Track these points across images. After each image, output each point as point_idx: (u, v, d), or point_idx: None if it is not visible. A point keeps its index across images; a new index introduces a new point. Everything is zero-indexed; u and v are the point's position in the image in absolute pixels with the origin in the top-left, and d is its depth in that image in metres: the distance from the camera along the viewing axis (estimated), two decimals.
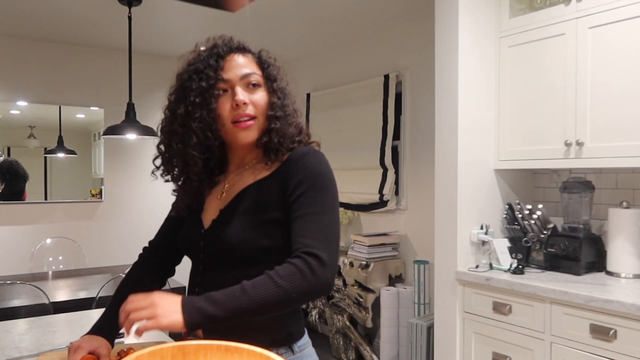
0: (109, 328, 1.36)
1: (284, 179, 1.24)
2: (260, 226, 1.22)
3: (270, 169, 1.28)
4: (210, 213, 1.32)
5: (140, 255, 1.51)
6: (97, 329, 1.35)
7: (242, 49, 1.30)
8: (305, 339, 1.32)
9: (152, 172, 1.37)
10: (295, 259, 1.13)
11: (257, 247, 1.21)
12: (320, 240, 1.16)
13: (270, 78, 1.30)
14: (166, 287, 3.11)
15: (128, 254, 5.09)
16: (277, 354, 1.23)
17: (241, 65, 1.27)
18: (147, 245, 1.52)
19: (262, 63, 1.31)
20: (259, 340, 1.19)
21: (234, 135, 1.26)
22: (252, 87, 1.27)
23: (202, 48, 1.30)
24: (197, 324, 1.06)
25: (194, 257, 1.34)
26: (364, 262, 3.88)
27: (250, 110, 1.25)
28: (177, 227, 1.44)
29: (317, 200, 1.20)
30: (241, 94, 1.24)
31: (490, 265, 2.74)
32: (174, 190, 1.40)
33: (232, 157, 1.37)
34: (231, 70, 1.26)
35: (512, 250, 2.78)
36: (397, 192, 4.11)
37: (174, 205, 1.42)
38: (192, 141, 1.25)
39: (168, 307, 1.05)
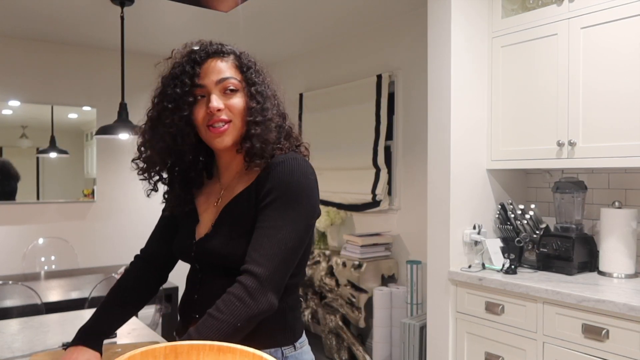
0: (97, 336, 1.37)
1: (258, 188, 1.23)
2: (244, 236, 1.23)
3: (252, 178, 1.26)
4: (204, 225, 1.33)
5: (132, 263, 1.49)
6: (85, 337, 1.35)
7: (220, 53, 1.27)
8: (304, 335, 1.35)
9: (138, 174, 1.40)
10: (234, 285, 1.14)
11: (243, 256, 1.20)
12: (264, 256, 1.16)
13: (249, 82, 1.26)
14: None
15: (120, 254, 5.07)
16: (282, 351, 1.26)
17: (218, 70, 1.25)
18: (138, 253, 1.51)
19: (241, 66, 1.27)
20: (265, 343, 1.23)
21: (210, 140, 1.27)
22: (229, 92, 1.25)
23: (181, 53, 1.30)
24: None
25: (190, 264, 1.36)
26: (356, 262, 3.88)
27: (225, 115, 1.24)
28: (171, 230, 1.43)
29: (280, 213, 1.19)
30: (215, 100, 1.23)
31: (483, 265, 2.75)
32: (165, 193, 1.41)
33: (219, 161, 1.37)
34: (207, 76, 1.25)
35: (504, 250, 2.79)
36: (389, 192, 4.11)
37: (167, 204, 1.42)
38: (158, 145, 1.28)
39: None
